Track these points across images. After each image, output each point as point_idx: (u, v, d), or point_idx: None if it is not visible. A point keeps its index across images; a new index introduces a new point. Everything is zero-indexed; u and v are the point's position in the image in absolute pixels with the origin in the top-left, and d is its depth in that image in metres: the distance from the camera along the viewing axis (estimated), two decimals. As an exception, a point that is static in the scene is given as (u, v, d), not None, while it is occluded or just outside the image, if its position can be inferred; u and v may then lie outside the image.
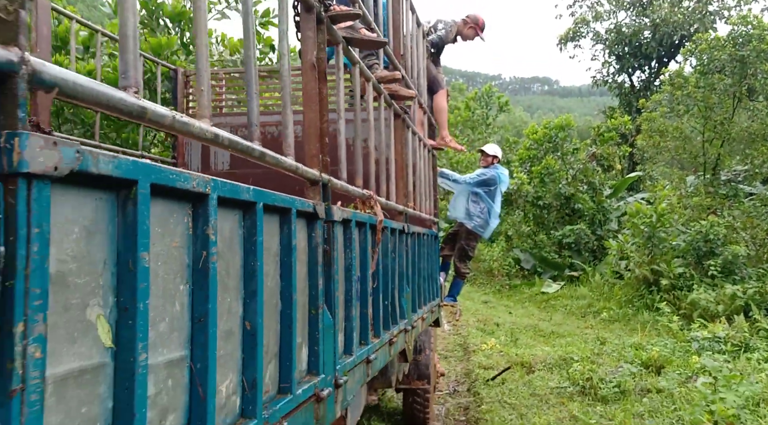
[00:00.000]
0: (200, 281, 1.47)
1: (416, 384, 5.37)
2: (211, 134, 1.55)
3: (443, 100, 6.84)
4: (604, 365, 7.79)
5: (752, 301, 10.74)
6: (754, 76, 15.87)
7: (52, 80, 1.02)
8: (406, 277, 4.18)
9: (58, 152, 1.00)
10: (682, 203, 15.59)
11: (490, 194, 7.74)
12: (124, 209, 1.20)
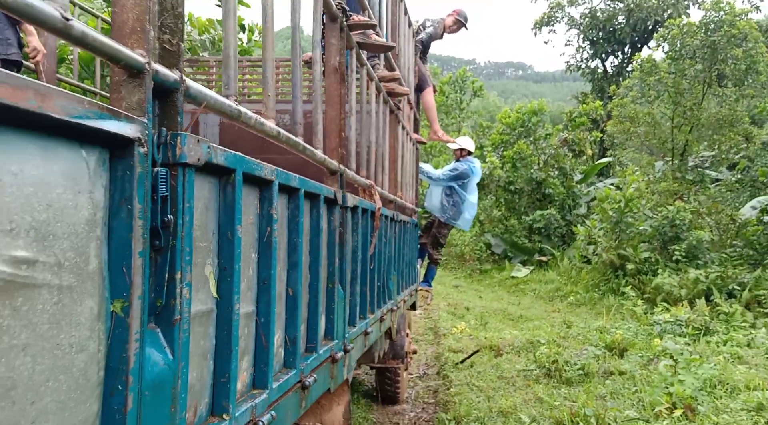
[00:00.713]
0: (265, 251, 1.84)
1: (391, 363, 5.76)
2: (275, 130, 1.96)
3: (431, 98, 7.17)
4: (570, 348, 7.99)
5: (714, 285, 11.05)
6: (724, 62, 16.12)
7: (198, 96, 1.42)
8: (394, 261, 4.59)
9: (200, 147, 1.33)
10: (650, 189, 15.89)
11: (464, 187, 7.97)
12: (225, 191, 1.55)
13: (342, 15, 2.79)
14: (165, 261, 1.26)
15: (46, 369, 0.98)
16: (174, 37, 1.30)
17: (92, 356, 1.08)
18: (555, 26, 28.05)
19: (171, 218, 1.26)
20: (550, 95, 64.90)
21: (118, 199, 1.13)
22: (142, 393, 1.17)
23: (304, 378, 2.19)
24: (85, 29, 1.02)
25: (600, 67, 27.90)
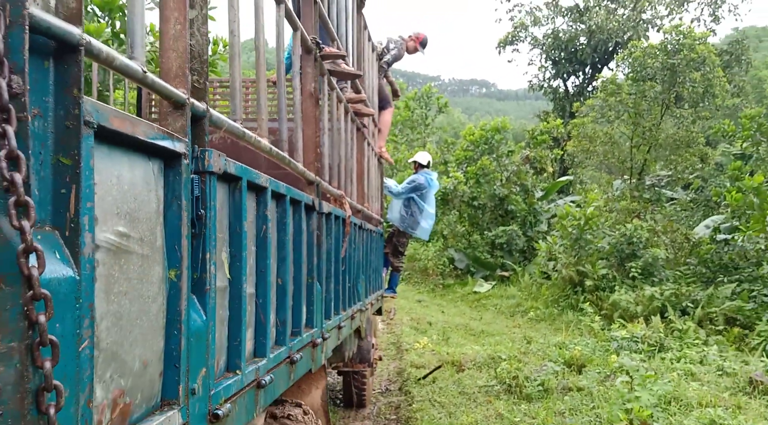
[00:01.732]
0: (261, 245, 2.29)
1: (358, 366, 6.03)
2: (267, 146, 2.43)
3: (389, 117, 7.85)
4: (530, 363, 8.11)
5: (668, 302, 11.36)
6: (683, 85, 16.70)
7: (218, 121, 1.89)
8: (362, 266, 5.08)
9: (220, 160, 1.80)
10: (608, 207, 16.27)
11: (422, 197, 8.48)
12: (234, 195, 2.02)
13: (316, 48, 3.26)
14: (199, 245, 1.70)
15: (136, 311, 1.40)
16: (201, 78, 1.76)
17: (160, 307, 1.53)
18: (518, 46, 28.75)
19: (203, 212, 1.70)
20: (513, 113, 65.93)
21: (171, 197, 1.58)
22: (189, 339, 1.60)
23: (293, 354, 2.66)
24: (154, 78, 1.49)
25: (561, 86, 28.64)
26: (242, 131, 2.10)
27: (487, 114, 61.12)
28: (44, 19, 1.03)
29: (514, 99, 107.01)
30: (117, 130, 1.28)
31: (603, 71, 27.03)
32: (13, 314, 0.96)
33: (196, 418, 1.62)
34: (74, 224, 1.10)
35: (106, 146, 1.28)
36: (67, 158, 1.10)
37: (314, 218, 3.16)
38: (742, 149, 15.25)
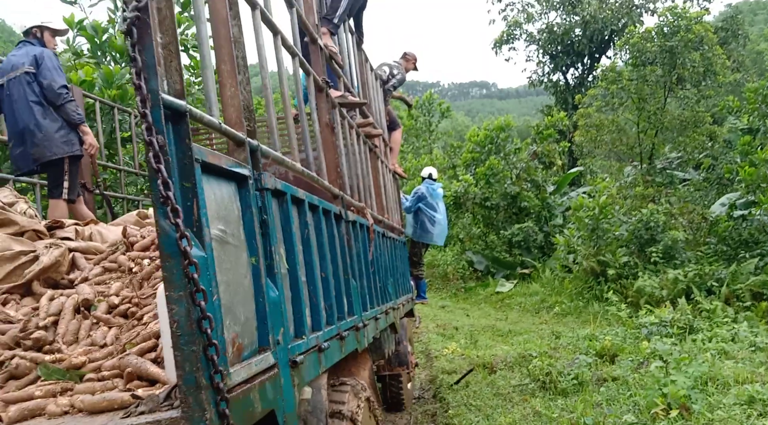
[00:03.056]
0: (305, 244, 2.86)
1: (396, 369, 6.42)
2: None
3: (399, 136, 8.72)
4: (561, 358, 8.09)
5: (693, 284, 11.29)
6: (683, 66, 16.65)
7: (265, 152, 2.42)
8: (389, 269, 5.72)
9: (273, 180, 2.36)
10: (622, 194, 16.21)
11: (429, 205, 9.22)
12: (281, 206, 2.55)
13: (326, 86, 3.90)
14: (266, 241, 2.24)
15: (236, 281, 1.95)
16: (251, 123, 2.33)
17: (249, 281, 2.07)
18: (514, 43, 28.85)
19: (266, 218, 2.25)
20: (515, 111, 65.91)
21: (244, 206, 2.14)
22: (269, 305, 2.12)
23: (341, 332, 3.19)
24: (226, 127, 2.12)
25: (562, 79, 28.64)
26: (282, 158, 2.70)
27: (489, 114, 61.17)
28: (167, 99, 1.58)
29: (516, 97, 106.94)
30: (212, 163, 1.86)
31: (601, 60, 27.02)
32: (178, 276, 1.53)
33: (282, 361, 2.16)
34: (198, 223, 1.65)
35: (207, 174, 1.83)
36: (188, 182, 1.65)
37: (342, 225, 3.70)
38: (749, 123, 15.16)
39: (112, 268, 3.09)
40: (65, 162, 4.98)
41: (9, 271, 3.02)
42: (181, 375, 1.50)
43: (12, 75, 4.85)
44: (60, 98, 4.87)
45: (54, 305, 2.66)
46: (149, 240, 3.23)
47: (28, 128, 4.80)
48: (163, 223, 1.53)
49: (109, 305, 2.68)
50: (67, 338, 2.47)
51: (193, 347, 1.50)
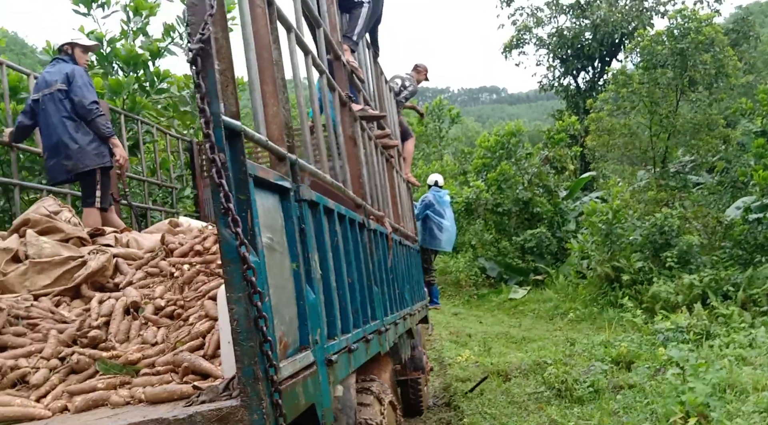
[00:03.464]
0: (335, 251, 3.05)
1: (413, 374, 6.56)
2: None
3: (411, 147, 9.11)
4: (577, 365, 8.05)
5: (708, 289, 11.21)
6: (695, 68, 16.57)
7: (302, 166, 2.65)
8: (405, 277, 5.95)
9: (309, 192, 2.61)
10: (635, 198, 16.14)
11: (436, 212, 9.55)
12: (315, 216, 2.74)
13: (348, 101, 4.21)
14: (304, 248, 2.44)
15: (281, 285, 2.14)
16: (290, 139, 2.58)
17: (291, 285, 2.29)
18: (524, 48, 28.85)
19: (304, 227, 2.46)
20: (526, 116, 65.83)
21: (286, 216, 2.34)
22: (308, 307, 2.32)
23: (367, 335, 3.41)
24: (270, 143, 2.33)
25: (572, 83, 28.64)
26: (316, 171, 2.95)
27: (500, 119, 61.08)
28: (226, 120, 1.80)
29: (526, 101, 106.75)
30: (261, 177, 2.07)
31: (612, 64, 26.93)
32: (237, 279, 1.71)
33: (319, 360, 2.35)
34: (252, 232, 1.85)
35: (258, 187, 2.03)
36: (243, 195, 1.85)
37: (365, 234, 3.92)
38: (762, 125, 15.05)
39: (154, 273, 3.36)
40: (97, 173, 5.34)
41: (59, 275, 3.31)
42: (240, 368, 1.69)
43: (46, 91, 5.18)
44: (90, 114, 5.19)
45: (105, 307, 2.92)
46: (187, 247, 3.46)
47: (62, 141, 5.14)
48: (224, 232, 1.73)
49: (155, 307, 2.92)
50: (119, 337, 2.72)
51: (251, 343, 1.70)
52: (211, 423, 1.66)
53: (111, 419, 1.89)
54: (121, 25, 9.16)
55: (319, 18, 3.77)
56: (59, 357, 2.57)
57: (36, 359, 2.53)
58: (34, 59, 22.25)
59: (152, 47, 8.92)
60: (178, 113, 9.45)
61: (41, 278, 3.29)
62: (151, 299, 2.97)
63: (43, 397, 2.32)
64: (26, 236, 3.51)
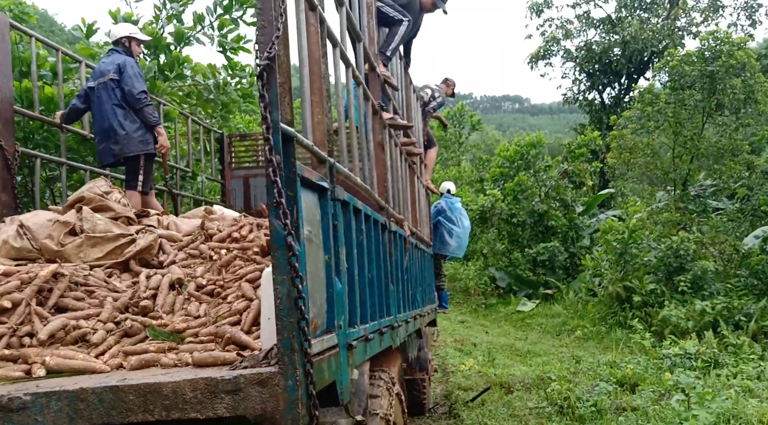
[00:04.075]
0: (360, 248, 3.21)
1: (418, 374, 6.74)
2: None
3: (434, 155, 9.47)
4: (581, 384, 8.05)
5: (720, 317, 11.16)
6: (723, 92, 16.44)
7: (337, 169, 2.87)
8: (418, 278, 6.14)
9: (343, 192, 2.86)
10: (652, 219, 16.05)
11: (447, 219, 9.64)
12: (345, 214, 2.94)
13: (380, 109, 4.51)
14: (336, 242, 2.66)
15: (316, 273, 2.39)
16: (330, 144, 2.83)
17: (323, 274, 2.50)
18: (551, 59, 28.82)
19: (337, 223, 2.68)
20: (547, 127, 65.51)
21: (323, 213, 2.56)
22: (336, 295, 2.57)
23: (381, 328, 3.60)
24: (314, 147, 2.62)
25: (597, 98, 28.59)
26: (348, 173, 3.27)
27: (521, 129, 60.88)
28: (283, 127, 2.07)
29: (548, 113, 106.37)
30: (306, 177, 2.31)
31: (639, 81, 26.80)
32: (284, 264, 1.98)
33: (341, 343, 2.57)
34: (296, 224, 2.10)
35: (304, 186, 2.26)
36: (291, 191, 2.10)
37: (386, 234, 4.12)
38: (789, 155, 14.93)
39: (195, 254, 3.75)
40: (141, 158, 5.76)
41: (110, 250, 3.72)
42: (280, 339, 1.97)
43: (101, 80, 5.62)
44: (139, 103, 5.62)
45: (153, 281, 3.30)
46: (225, 233, 3.89)
47: (111, 127, 5.58)
48: (275, 222, 1.99)
49: (197, 285, 3.28)
50: (165, 308, 3.08)
51: (291, 319, 1.97)
52: (252, 385, 1.94)
53: (165, 376, 2.11)
54: (154, 11, 9.25)
55: (360, 32, 3.99)
56: (114, 321, 2.93)
57: (94, 321, 2.90)
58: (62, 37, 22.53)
59: (177, 32, 8.99)
60: (201, 101, 9.52)
61: (94, 251, 3.69)
62: (193, 278, 3.35)
63: (101, 355, 2.67)
64: (82, 212, 3.88)
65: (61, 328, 2.79)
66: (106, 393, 1.95)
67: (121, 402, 1.94)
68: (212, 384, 1.95)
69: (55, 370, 2.46)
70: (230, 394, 1.94)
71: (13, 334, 2.73)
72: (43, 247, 3.68)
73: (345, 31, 3.45)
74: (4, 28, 5.17)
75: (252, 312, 2.80)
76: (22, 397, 1.93)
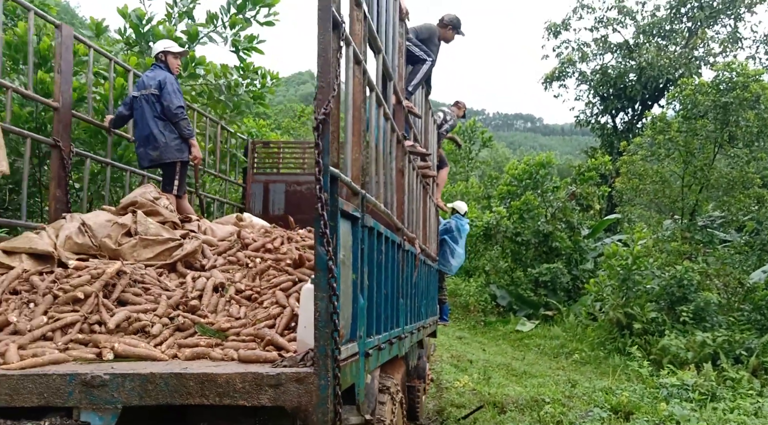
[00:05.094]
0: (378, 267, 3.52)
1: (415, 382, 6.99)
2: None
3: (445, 175, 10.06)
4: (575, 408, 8.00)
5: (721, 350, 11.10)
6: (736, 123, 16.39)
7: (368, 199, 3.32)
8: (424, 293, 6.56)
9: (371, 219, 3.28)
10: (658, 247, 15.99)
11: (453, 239, 10.05)
12: (370, 237, 3.29)
13: (403, 139, 4.87)
14: (362, 263, 3.03)
15: (346, 290, 2.76)
16: (364, 178, 3.29)
17: (350, 292, 2.84)
18: (566, 81, 28.86)
19: (363, 247, 3.05)
20: (558, 148, 65.58)
21: (354, 239, 2.97)
22: (359, 309, 2.93)
23: (391, 338, 3.96)
24: (353, 184, 3.03)
25: (610, 122, 28.65)
26: (376, 202, 3.59)
27: (531, 149, 60.90)
28: (331, 170, 2.48)
29: (560, 134, 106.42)
30: (344, 209, 2.69)
31: (653, 108, 26.78)
32: (324, 283, 2.37)
33: (361, 351, 2.93)
34: (335, 249, 2.42)
35: (342, 217, 2.64)
36: (333, 222, 2.45)
37: (400, 253, 4.47)
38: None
39: (233, 261, 4.20)
40: (177, 165, 6.35)
41: (159, 251, 4.16)
42: (317, 346, 2.36)
43: (144, 92, 6.29)
44: (176, 117, 6.25)
45: (198, 283, 3.73)
46: (260, 244, 4.38)
47: (152, 135, 6.24)
48: (320, 249, 2.38)
49: (236, 289, 3.69)
50: (209, 308, 3.49)
51: (326, 329, 2.36)
52: (292, 381, 2.34)
53: (218, 368, 2.52)
54: (166, 8, 9.28)
55: (392, 72, 4.42)
56: (168, 316, 3.37)
57: (151, 315, 3.34)
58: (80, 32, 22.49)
59: (191, 31, 9.00)
60: (212, 101, 9.53)
61: (146, 252, 4.15)
62: (233, 283, 3.77)
63: (159, 345, 3.08)
64: (137, 216, 4.40)
65: (125, 319, 3.27)
66: (171, 378, 2.38)
67: (183, 387, 2.37)
68: (258, 378, 2.36)
69: (121, 355, 2.88)
70: (273, 387, 2.34)
71: (84, 321, 3.20)
72: (102, 245, 4.18)
73: (380, 74, 3.87)
74: (68, 40, 5.76)
75: (285, 318, 3.21)
76: (102, 376, 2.37)
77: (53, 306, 3.32)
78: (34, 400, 2.37)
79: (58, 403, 2.37)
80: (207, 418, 2.60)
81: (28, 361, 2.64)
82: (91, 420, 2.36)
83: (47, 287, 3.48)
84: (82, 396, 2.36)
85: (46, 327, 3.10)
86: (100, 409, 2.36)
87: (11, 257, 3.92)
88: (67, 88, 5.77)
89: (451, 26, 7.77)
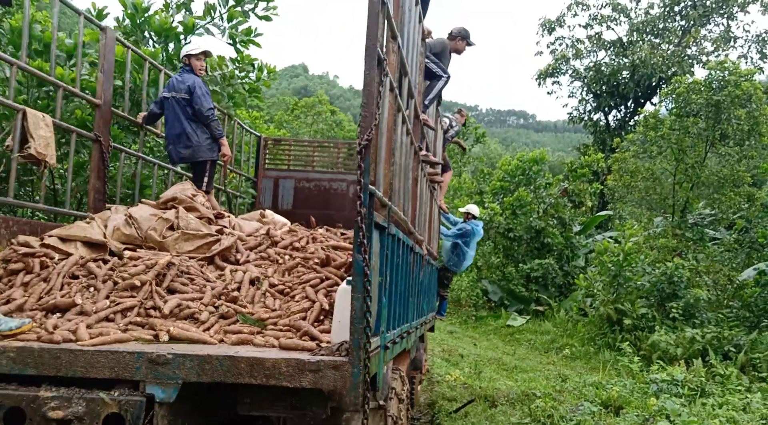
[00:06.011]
0: (394, 268, 3.74)
1: (412, 373, 7.12)
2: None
3: (448, 178, 10.58)
4: (565, 402, 8.06)
5: (710, 346, 11.21)
6: (728, 122, 16.48)
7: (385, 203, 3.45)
8: (426, 290, 6.85)
9: (392, 226, 3.64)
10: (649, 244, 16.08)
11: (466, 243, 10.46)
12: (392, 243, 3.62)
13: (419, 150, 5.24)
14: (386, 267, 3.34)
15: (375, 291, 2.95)
16: (390, 189, 3.57)
17: (377, 292, 3.03)
18: (559, 77, 29.06)
19: (388, 252, 3.40)
20: (551, 145, 65.77)
21: (382, 245, 3.25)
22: (382, 307, 3.22)
23: (402, 333, 4.29)
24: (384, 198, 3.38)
25: (602, 119, 28.84)
26: (398, 212, 3.85)
27: (524, 145, 61.01)
28: (370, 187, 2.81)
29: (553, 131, 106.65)
30: (377, 221, 2.99)
31: (646, 106, 26.84)
32: (360, 286, 2.70)
33: (382, 344, 3.20)
34: (368, 255, 2.74)
35: (375, 228, 2.93)
36: (368, 232, 2.78)
37: (411, 255, 4.79)
38: (790, 190, 14.94)
39: (264, 257, 4.53)
40: (207, 163, 6.71)
41: (199, 245, 4.55)
42: (352, 339, 2.70)
43: (175, 94, 6.64)
44: (207, 119, 6.63)
45: (236, 276, 4.07)
46: (288, 242, 4.73)
47: (185, 134, 6.65)
48: (357, 256, 2.73)
49: (270, 283, 4.01)
50: (247, 299, 3.81)
51: (360, 325, 2.70)
52: (329, 368, 2.69)
53: (264, 353, 2.87)
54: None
55: (414, 91, 4.74)
56: (213, 305, 3.72)
57: (198, 303, 3.70)
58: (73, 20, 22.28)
59: (188, 22, 8.94)
60: (208, 91, 9.51)
61: (186, 245, 4.51)
62: (266, 277, 4.10)
63: (207, 330, 3.43)
64: (179, 211, 4.80)
65: (177, 306, 3.64)
66: (225, 360, 2.73)
67: (235, 368, 2.72)
68: (301, 363, 2.71)
69: (175, 337, 3.22)
70: (312, 372, 2.69)
71: (141, 306, 3.60)
72: (148, 236, 4.58)
73: (406, 95, 4.20)
74: (111, 42, 6.15)
75: (314, 312, 3.54)
76: (166, 355, 2.72)
77: (113, 291, 3.73)
78: (106, 373, 2.72)
79: (126, 377, 2.71)
80: (251, 396, 2.92)
81: (98, 339, 3.00)
82: (155, 392, 2.68)
83: (106, 274, 3.90)
84: (148, 371, 2.70)
85: (109, 310, 3.49)
86: (163, 383, 2.69)
87: (66, 244, 4.30)
88: (108, 86, 6.23)
89: (461, 37, 8.13)
